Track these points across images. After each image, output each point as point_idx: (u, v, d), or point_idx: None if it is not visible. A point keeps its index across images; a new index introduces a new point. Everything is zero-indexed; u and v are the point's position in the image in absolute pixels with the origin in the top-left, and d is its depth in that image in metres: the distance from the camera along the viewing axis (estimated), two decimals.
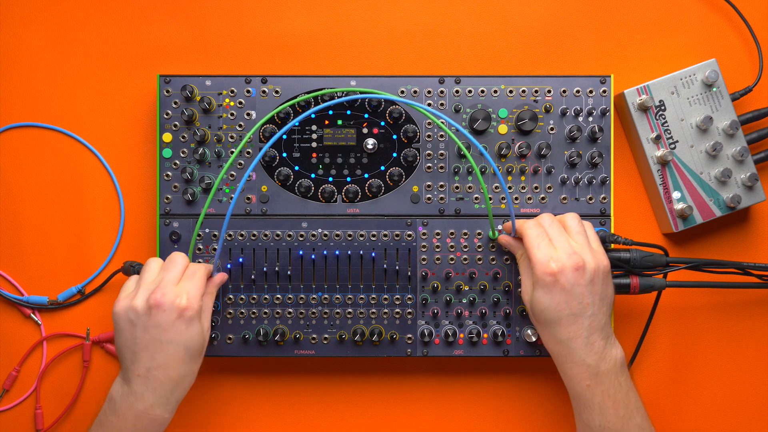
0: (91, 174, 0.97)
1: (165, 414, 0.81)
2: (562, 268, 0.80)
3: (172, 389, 0.80)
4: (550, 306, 0.81)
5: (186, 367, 0.81)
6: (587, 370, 0.81)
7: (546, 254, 0.81)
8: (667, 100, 0.93)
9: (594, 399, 0.81)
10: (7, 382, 0.95)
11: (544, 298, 0.81)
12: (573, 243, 0.82)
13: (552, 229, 0.84)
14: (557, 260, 0.80)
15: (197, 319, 0.81)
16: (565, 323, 0.80)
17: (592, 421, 0.82)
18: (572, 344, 0.81)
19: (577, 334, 0.80)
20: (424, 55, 0.97)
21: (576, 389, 0.82)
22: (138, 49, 0.97)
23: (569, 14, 0.98)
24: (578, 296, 0.80)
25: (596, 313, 0.80)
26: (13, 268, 0.96)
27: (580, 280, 0.80)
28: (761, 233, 0.98)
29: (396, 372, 0.97)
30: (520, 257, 0.88)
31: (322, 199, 0.93)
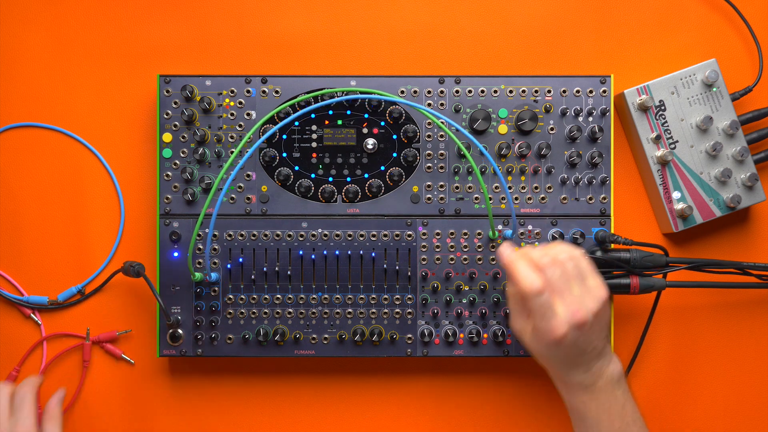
0: (91, 174, 0.97)
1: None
2: (565, 334, 0.77)
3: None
4: (551, 356, 0.80)
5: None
6: (583, 389, 0.80)
7: (550, 325, 0.77)
8: (667, 100, 0.93)
9: (589, 413, 0.81)
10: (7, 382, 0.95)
11: (544, 351, 0.80)
12: (576, 294, 0.78)
13: (558, 284, 0.78)
14: (561, 327, 0.77)
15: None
16: (566, 362, 0.80)
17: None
18: (570, 373, 0.80)
19: (577, 365, 0.80)
20: (424, 55, 0.97)
21: (572, 403, 0.82)
22: (138, 49, 0.97)
23: (569, 14, 0.98)
24: (580, 346, 0.79)
25: (596, 346, 0.80)
26: (13, 268, 0.96)
27: (581, 334, 0.78)
28: (761, 233, 0.98)
29: (396, 372, 0.97)
30: (512, 295, 0.83)
31: (322, 199, 0.93)
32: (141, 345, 0.96)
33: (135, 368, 0.96)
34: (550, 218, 0.93)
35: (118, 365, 0.96)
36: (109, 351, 0.96)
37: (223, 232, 0.92)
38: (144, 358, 0.96)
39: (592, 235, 0.92)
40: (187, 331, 0.92)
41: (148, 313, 0.96)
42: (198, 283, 0.92)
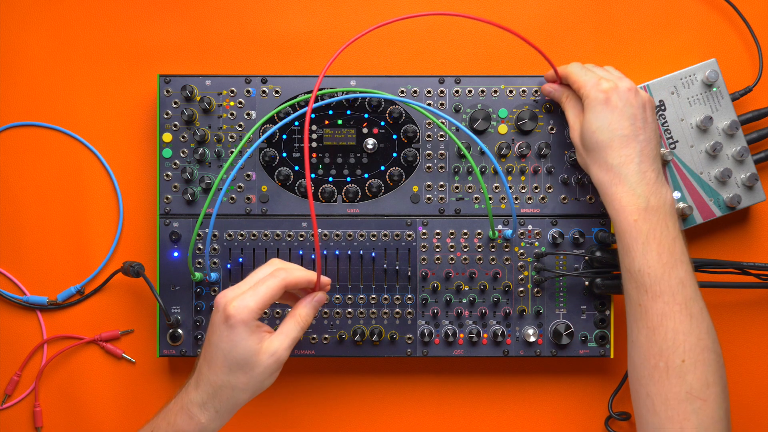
0: (91, 174, 0.97)
1: (201, 417, 0.77)
2: (614, 86, 0.81)
3: (210, 393, 0.77)
4: (602, 125, 0.80)
5: (224, 375, 0.76)
6: (636, 200, 0.78)
7: (596, 77, 0.83)
8: (667, 100, 0.93)
9: (639, 237, 0.77)
10: (9, 387, 0.95)
11: (596, 118, 0.81)
12: (619, 74, 0.85)
13: (595, 68, 0.85)
14: (609, 80, 0.82)
15: (243, 329, 0.75)
16: (617, 145, 0.79)
17: (632, 264, 0.78)
18: (624, 169, 0.79)
19: (629, 159, 0.78)
20: (424, 55, 0.97)
21: (622, 224, 0.78)
22: (138, 49, 0.97)
23: (569, 14, 0.98)
24: (630, 117, 0.79)
25: (649, 138, 0.79)
26: (13, 268, 0.96)
27: (632, 100, 0.79)
28: (761, 233, 0.98)
29: (396, 372, 0.97)
30: (566, 100, 0.88)
31: (322, 199, 0.93)
32: (141, 345, 0.96)
33: (135, 368, 0.96)
34: (550, 218, 0.93)
35: (118, 365, 0.96)
36: (109, 351, 0.96)
37: (223, 232, 0.92)
38: (144, 358, 0.96)
39: (592, 235, 0.93)
40: (187, 331, 0.92)
41: (148, 313, 0.96)
42: (198, 283, 0.92)
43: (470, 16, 0.82)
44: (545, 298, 0.93)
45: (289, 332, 0.79)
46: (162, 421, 0.79)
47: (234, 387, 0.77)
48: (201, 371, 0.78)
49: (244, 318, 0.75)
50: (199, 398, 0.77)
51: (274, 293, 0.78)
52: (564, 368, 0.96)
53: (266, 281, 0.78)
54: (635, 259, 0.77)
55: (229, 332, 0.76)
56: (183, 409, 0.78)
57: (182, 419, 0.77)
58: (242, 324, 0.75)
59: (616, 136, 0.79)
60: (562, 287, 0.93)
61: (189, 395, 0.78)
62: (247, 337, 0.76)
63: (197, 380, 0.78)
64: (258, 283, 0.78)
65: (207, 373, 0.77)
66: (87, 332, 0.96)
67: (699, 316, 0.78)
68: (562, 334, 0.91)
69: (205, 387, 0.77)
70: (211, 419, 0.77)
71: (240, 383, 0.77)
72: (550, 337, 0.93)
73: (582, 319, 0.93)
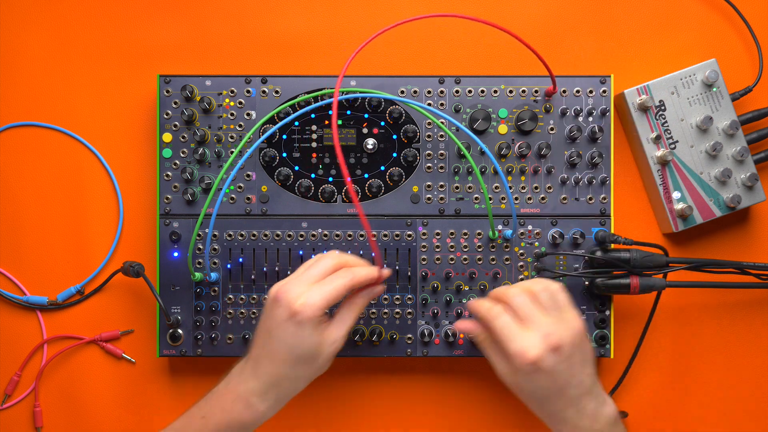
0: (91, 174, 0.97)
1: (261, 406, 0.78)
2: (540, 356, 0.77)
3: (271, 384, 0.78)
4: (535, 389, 0.79)
5: (288, 368, 0.78)
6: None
7: (521, 345, 0.77)
8: (667, 100, 0.93)
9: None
10: (9, 387, 0.95)
11: (526, 384, 0.79)
12: (545, 320, 0.78)
13: (523, 309, 0.80)
14: (533, 347, 0.77)
15: (308, 326, 0.76)
16: (554, 399, 0.79)
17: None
18: (564, 414, 0.79)
19: (568, 405, 0.79)
20: (424, 55, 0.97)
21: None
22: (138, 49, 0.97)
23: (569, 14, 0.98)
24: (561, 373, 0.78)
25: (582, 380, 0.79)
26: (13, 268, 0.96)
27: (559, 359, 0.77)
28: (761, 233, 0.98)
29: (396, 372, 0.97)
30: (483, 341, 0.83)
31: (322, 199, 0.93)
32: (141, 345, 0.96)
33: (135, 368, 0.96)
34: (550, 218, 0.93)
35: (118, 365, 0.96)
36: (109, 351, 0.96)
37: (223, 232, 0.92)
38: (144, 358, 0.96)
39: (592, 235, 0.93)
40: (187, 331, 0.92)
41: (148, 313, 0.96)
42: (198, 283, 0.92)
43: (481, 20, 0.82)
44: None
45: (347, 320, 0.81)
46: (215, 409, 0.79)
47: (297, 378, 0.79)
48: (260, 362, 0.78)
49: (311, 316, 0.76)
50: (260, 388, 0.78)
51: (341, 293, 0.79)
52: None
53: (334, 281, 0.78)
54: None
55: (295, 329, 0.76)
56: (240, 398, 0.78)
57: (239, 408, 0.78)
58: (309, 321, 0.76)
59: (551, 393, 0.79)
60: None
61: (247, 385, 0.78)
62: (313, 333, 0.77)
63: (255, 371, 0.78)
64: (325, 280, 0.79)
65: (268, 365, 0.78)
66: (87, 332, 0.96)
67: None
68: None
69: (266, 378, 0.78)
70: (270, 407, 0.79)
71: (303, 374, 0.79)
72: None
73: (582, 318, 0.92)
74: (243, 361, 0.81)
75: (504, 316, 0.79)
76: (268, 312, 0.79)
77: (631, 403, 0.97)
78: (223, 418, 0.79)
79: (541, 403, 0.80)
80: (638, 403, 0.97)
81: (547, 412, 0.81)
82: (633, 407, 0.97)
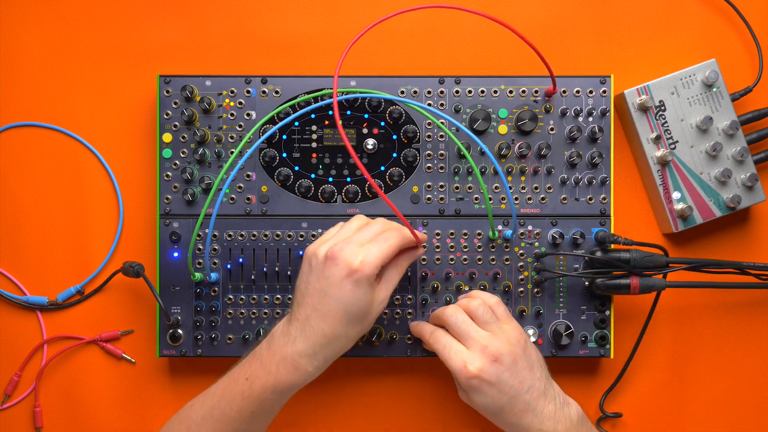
0: (91, 174, 0.97)
1: (309, 367, 0.79)
2: (481, 368, 0.80)
3: (322, 344, 0.78)
4: (487, 402, 0.81)
5: (342, 327, 0.78)
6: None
7: (460, 361, 0.81)
8: (667, 100, 0.93)
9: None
10: (9, 387, 0.95)
11: (477, 398, 0.81)
12: (482, 334, 0.82)
13: (459, 327, 0.83)
14: (472, 362, 0.80)
15: (365, 284, 0.77)
16: (508, 408, 0.81)
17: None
18: (523, 421, 0.81)
19: (524, 411, 0.80)
20: (424, 55, 0.97)
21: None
22: (138, 49, 0.97)
23: (569, 14, 0.98)
24: (507, 381, 0.80)
25: (532, 384, 0.81)
26: (13, 268, 0.96)
27: (501, 368, 0.80)
28: (761, 233, 0.98)
29: (396, 372, 0.97)
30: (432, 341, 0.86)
31: (322, 199, 0.93)
32: (141, 345, 0.96)
33: (135, 368, 0.96)
34: (550, 218, 0.93)
35: (118, 365, 0.96)
36: (109, 351, 0.96)
37: (223, 232, 0.92)
38: (144, 359, 0.96)
39: (592, 235, 0.93)
40: (187, 331, 0.92)
41: (148, 314, 0.96)
42: (198, 283, 0.92)
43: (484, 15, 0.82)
44: (545, 298, 0.93)
45: (393, 280, 0.82)
46: (259, 371, 0.79)
47: (348, 337, 0.80)
48: (310, 323, 0.78)
49: (370, 274, 0.77)
50: (310, 349, 0.78)
51: (393, 252, 0.80)
52: (564, 368, 0.96)
53: (388, 239, 0.80)
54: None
55: (353, 287, 0.77)
56: (285, 359, 0.78)
57: (286, 369, 0.79)
58: (367, 279, 0.77)
59: (504, 402, 0.80)
60: (562, 287, 0.93)
61: (295, 346, 0.78)
62: (368, 291, 0.78)
63: (304, 332, 0.78)
64: (378, 239, 0.79)
65: (320, 324, 0.78)
66: (87, 332, 0.96)
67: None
68: (562, 335, 0.91)
69: (317, 338, 0.78)
70: (318, 368, 0.80)
71: (354, 333, 0.80)
72: (550, 338, 0.93)
73: (582, 320, 0.93)
74: (284, 324, 0.81)
75: (443, 337, 0.84)
76: (319, 272, 0.78)
77: (631, 403, 0.97)
78: (269, 380, 0.79)
79: (498, 415, 0.82)
80: (638, 402, 0.97)
81: (508, 423, 0.82)
82: (632, 407, 0.97)
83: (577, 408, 0.83)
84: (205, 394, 0.83)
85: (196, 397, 0.84)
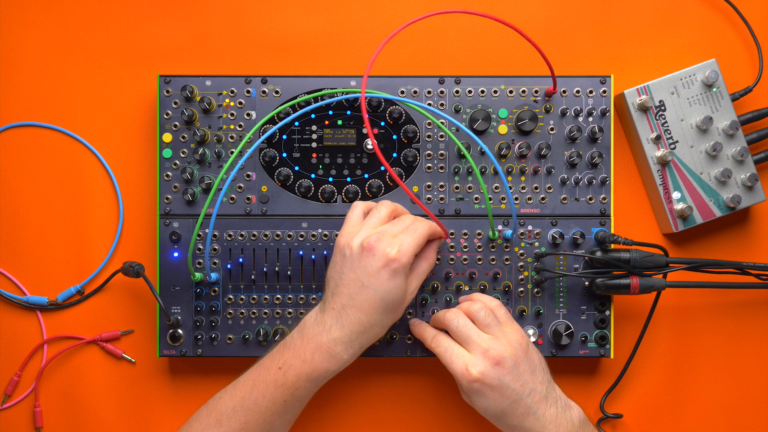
0: (91, 174, 0.97)
1: (344, 354, 0.80)
2: (483, 371, 0.80)
3: (359, 332, 0.80)
4: (489, 405, 0.82)
5: (378, 316, 0.80)
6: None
7: (462, 364, 0.81)
8: (667, 100, 0.93)
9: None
10: (9, 387, 0.95)
11: (479, 401, 0.82)
12: (484, 337, 0.83)
13: (461, 331, 0.84)
14: (474, 365, 0.81)
15: (402, 273, 0.79)
16: (509, 411, 0.81)
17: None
18: (525, 424, 0.81)
19: (526, 414, 0.81)
20: (424, 55, 0.97)
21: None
22: (138, 49, 0.97)
23: (569, 14, 0.98)
24: (509, 385, 0.80)
25: (534, 388, 0.82)
26: (13, 268, 0.96)
27: (503, 371, 0.80)
28: (761, 233, 0.98)
29: (396, 372, 0.97)
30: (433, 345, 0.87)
31: (322, 199, 0.93)
32: (141, 345, 0.96)
33: (135, 368, 0.96)
34: (550, 218, 0.93)
35: (118, 365, 0.96)
36: (109, 351, 0.96)
37: (223, 232, 0.92)
38: (144, 359, 0.96)
39: (592, 235, 0.93)
40: (187, 331, 0.92)
41: (148, 314, 0.96)
42: (198, 283, 0.92)
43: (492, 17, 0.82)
44: (545, 298, 0.93)
45: (422, 272, 0.84)
46: (293, 360, 0.80)
47: (383, 324, 0.81)
48: (346, 312, 0.80)
49: (406, 264, 0.79)
50: (346, 337, 0.80)
51: (425, 240, 0.83)
52: (564, 368, 0.96)
53: (418, 230, 0.82)
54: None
55: (390, 276, 0.79)
56: (321, 347, 0.80)
57: (321, 357, 0.80)
58: (404, 269, 0.79)
59: (505, 405, 0.81)
60: (562, 287, 0.93)
61: (330, 335, 0.80)
62: (404, 281, 0.80)
63: (340, 320, 0.80)
64: (409, 230, 0.82)
65: (357, 313, 0.79)
66: (87, 332, 0.96)
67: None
68: (562, 335, 0.91)
69: (354, 326, 0.80)
70: (353, 355, 0.82)
71: (389, 321, 0.82)
72: (550, 338, 0.93)
73: (582, 320, 0.93)
74: (317, 313, 0.82)
75: (445, 341, 0.84)
76: (354, 262, 0.80)
77: (631, 403, 0.97)
78: (304, 368, 0.80)
79: (500, 418, 0.82)
80: (638, 402, 0.97)
81: (510, 426, 0.82)
82: (632, 407, 0.97)
83: (579, 411, 0.84)
84: (234, 385, 0.84)
85: (224, 389, 0.85)
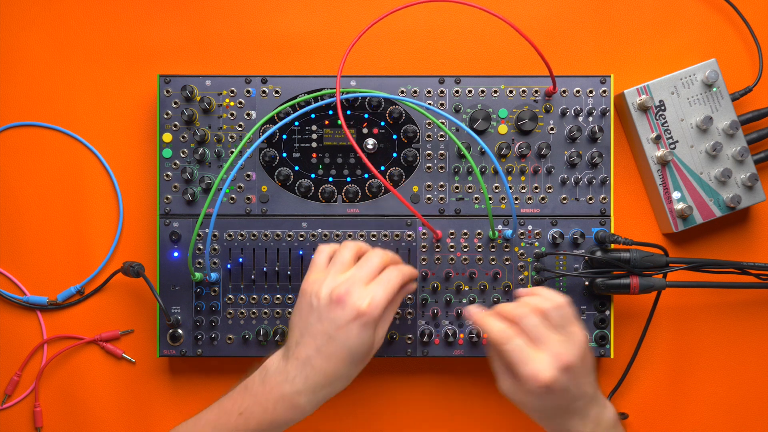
0: (91, 174, 0.97)
1: (307, 406, 0.78)
2: (554, 377, 0.76)
3: (323, 385, 0.77)
4: (543, 406, 0.79)
5: (345, 369, 0.77)
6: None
7: (533, 369, 0.76)
8: (667, 100, 0.93)
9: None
10: (9, 387, 0.95)
11: (537, 403, 0.79)
12: (555, 338, 0.77)
13: (534, 331, 0.78)
14: (546, 370, 0.75)
15: (372, 326, 0.76)
16: (560, 413, 0.79)
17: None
18: (568, 424, 0.80)
19: (573, 414, 0.79)
20: (424, 55, 0.97)
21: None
22: (138, 49, 0.97)
23: (569, 14, 0.98)
24: (570, 390, 0.77)
25: (586, 391, 0.79)
26: (13, 268, 0.96)
27: (569, 377, 0.77)
28: (761, 233, 0.98)
29: (396, 372, 0.97)
30: (491, 355, 0.83)
31: (322, 199, 0.93)
32: (141, 345, 0.96)
33: (135, 368, 0.96)
34: (550, 218, 0.93)
35: (118, 365, 0.96)
36: (109, 351, 0.96)
37: (223, 232, 0.92)
38: (144, 358, 0.96)
39: (592, 235, 0.93)
40: (187, 331, 0.92)
41: (148, 313, 0.96)
42: (198, 283, 0.92)
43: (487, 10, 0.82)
44: None
45: (389, 319, 0.80)
46: (255, 407, 0.78)
47: (349, 377, 0.79)
48: (311, 364, 0.77)
49: (377, 317, 0.76)
50: (310, 390, 0.77)
51: (397, 290, 0.79)
52: None
53: (390, 280, 0.79)
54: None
55: (360, 329, 0.76)
56: (284, 399, 0.77)
57: (284, 408, 0.77)
58: (374, 322, 0.77)
59: (559, 409, 0.79)
60: (562, 287, 0.93)
61: (294, 386, 0.77)
62: (373, 333, 0.77)
63: (304, 371, 0.77)
64: (380, 280, 0.78)
65: (323, 366, 0.76)
66: (87, 332, 0.96)
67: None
68: None
69: (318, 379, 0.77)
70: (316, 406, 0.79)
71: (355, 373, 0.79)
72: None
73: (582, 320, 0.92)
74: (281, 359, 0.79)
75: (515, 339, 0.78)
76: (322, 313, 0.77)
77: (631, 403, 0.97)
78: (265, 417, 0.78)
79: (549, 418, 0.80)
80: (638, 402, 0.97)
81: (553, 423, 0.80)
82: (633, 407, 0.97)
83: (613, 410, 0.82)
84: (196, 421, 0.81)
85: (183, 424, 0.82)
